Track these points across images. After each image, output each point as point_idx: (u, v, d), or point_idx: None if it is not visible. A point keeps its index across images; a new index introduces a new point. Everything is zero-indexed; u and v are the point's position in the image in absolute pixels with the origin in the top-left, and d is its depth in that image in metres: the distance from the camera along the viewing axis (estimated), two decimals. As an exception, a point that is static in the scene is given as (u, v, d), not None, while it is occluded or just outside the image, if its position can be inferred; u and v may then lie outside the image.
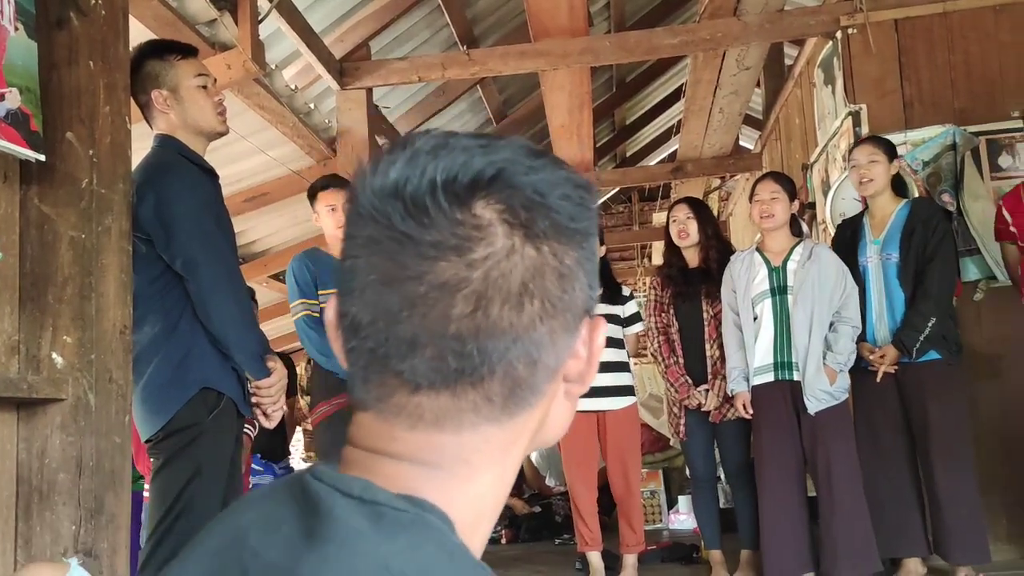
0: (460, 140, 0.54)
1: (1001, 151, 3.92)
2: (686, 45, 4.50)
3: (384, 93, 5.21)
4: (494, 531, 5.48)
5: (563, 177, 0.54)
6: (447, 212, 0.50)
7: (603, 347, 0.58)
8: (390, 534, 0.49)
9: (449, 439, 0.53)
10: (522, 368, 0.52)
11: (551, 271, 0.52)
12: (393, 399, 0.53)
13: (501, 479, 0.55)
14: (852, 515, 3.23)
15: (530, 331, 0.52)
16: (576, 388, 0.58)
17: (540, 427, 0.57)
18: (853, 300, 3.32)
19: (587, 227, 0.55)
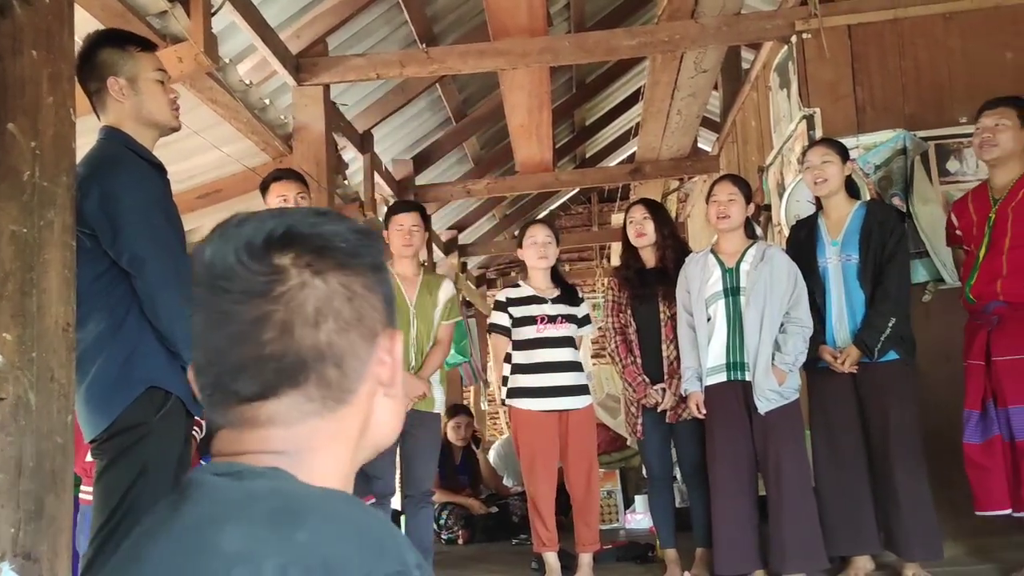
0: (260, 214, 0.72)
1: (949, 156, 4.01)
2: (644, 46, 4.53)
3: (342, 90, 5.15)
4: (451, 531, 5.47)
5: (342, 227, 0.72)
6: (249, 266, 0.68)
7: (401, 354, 0.76)
8: (250, 479, 0.64)
9: (284, 432, 0.69)
10: (331, 372, 0.70)
11: (339, 297, 0.70)
12: (235, 412, 0.69)
13: (337, 459, 0.72)
14: (800, 513, 3.28)
15: (331, 344, 0.69)
16: (393, 390, 0.75)
17: (367, 423, 0.73)
18: (803, 302, 3.36)
19: (372, 261, 0.73)
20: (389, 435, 0.77)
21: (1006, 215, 3.13)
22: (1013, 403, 3.04)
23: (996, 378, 3.09)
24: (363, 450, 0.75)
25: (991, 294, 3.12)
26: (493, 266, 11.07)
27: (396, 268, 3.82)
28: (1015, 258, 3.09)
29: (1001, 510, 3.09)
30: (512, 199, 9.17)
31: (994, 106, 3.20)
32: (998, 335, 3.10)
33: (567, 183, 8.08)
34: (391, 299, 0.76)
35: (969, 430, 3.14)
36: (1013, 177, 3.17)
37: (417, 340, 3.75)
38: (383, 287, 0.74)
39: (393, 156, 6.64)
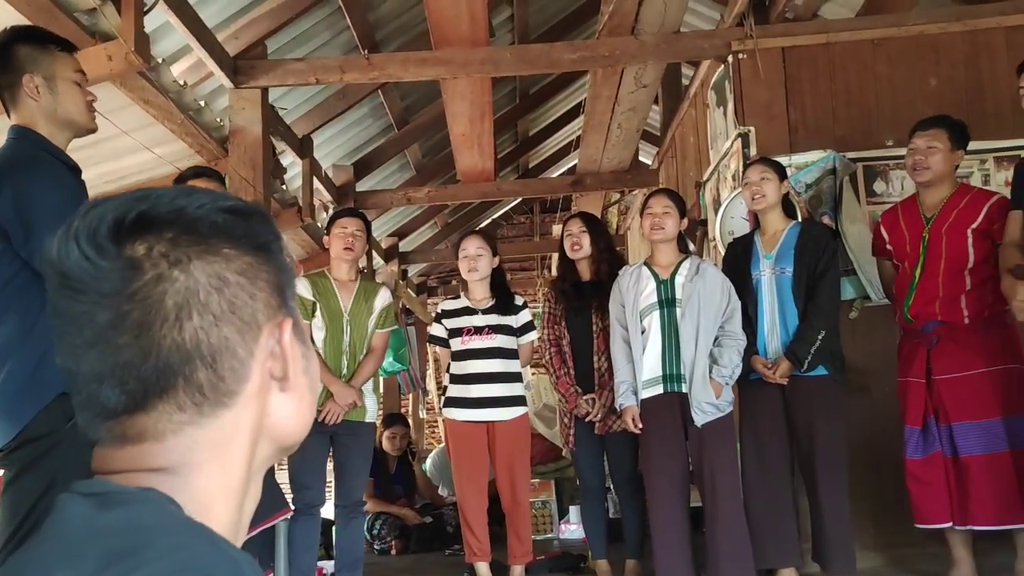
0: (113, 198, 0.62)
1: (876, 177, 4.13)
2: (585, 60, 4.57)
3: (282, 94, 5.09)
4: (384, 542, 5.42)
5: (209, 206, 0.63)
6: (96, 262, 0.59)
7: (294, 345, 0.66)
8: (107, 508, 0.56)
9: (156, 447, 0.61)
10: (203, 375, 0.61)
11: (206, 288, 0.61)
12: (105, 428, 0.62)
13: (227, 470, 0.64)
14: (734, 525, 3.33)
15: (197, 343, 0.61)
16: (289, 384, 0.66)
17: (262, 425, 0.66)
18: (737, 316, 3.42)
19: (251, 241, 0.64)
20: (295, 433, 0.69)
21: (940, 236, 3.21)
22: (956, 420, 3.12)
23: (938, 396, 3.16)
24: (263, 455, 0.67)
25: (929, 314, 3.20)
26: (434, 274, 11.03)
27: (333, 273, 3.79)
28: (950, 280, 3.18)
29: (942, 523, 3.16)
30: (454, 207, 9.16)
31: (926, 128, 3.27)
32: (938, 354, 3.17)
33: (509, 193, 8.10)
34: (282, 284, 0.67)
35: (911, 446, 3.20)
36: (944, 196, 3.26)
37: (350, 347, 3.71)
38: (269, 270, 0.65)
39: (333, 162, 6.58)
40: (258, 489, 0.69)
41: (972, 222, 3.18)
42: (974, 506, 3.06)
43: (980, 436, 3.09)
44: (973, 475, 3.08)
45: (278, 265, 0.67)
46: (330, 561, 4.24)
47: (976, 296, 3.17)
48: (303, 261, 6.22)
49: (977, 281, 3.17)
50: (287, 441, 0.69)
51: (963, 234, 3.18)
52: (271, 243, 0.66)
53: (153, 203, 0.62)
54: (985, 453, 3.07)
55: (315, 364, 0.71)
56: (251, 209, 0.66)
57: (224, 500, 0.63)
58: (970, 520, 3.08)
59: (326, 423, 3.61)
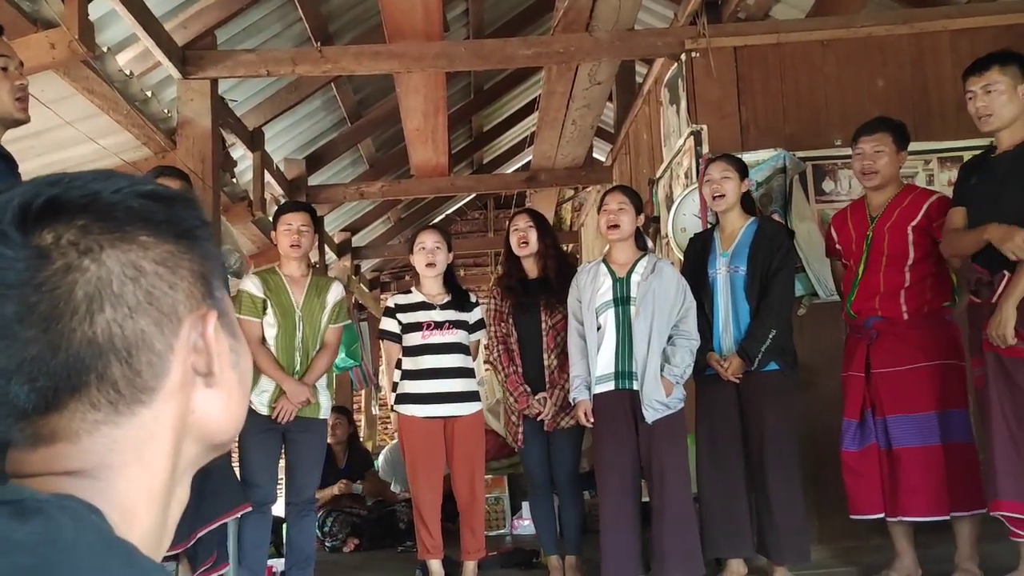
0: (24, 183, 0.59)
1: (825, 176, 4.20)
2: (540, 56, 4.57)
3: (232, 85, 5.00)
4: (335, 539, 5.37)
5: (127, 190, 0.59)
6: (1, 251, 0.56)
7: (220, 339, 0.63)
8: (23, 519, 0.52)
9: (71, 448, 0.58)
10: (117, 371, 0.57)
11: (120, 278, 0.58)
12: (16, 429, 0.58)
13: (149, 472, 0.60)
14: (682, 521, 3.36)
15: (111, 336, 0.57)
16: (216, 379, 0.63)
17: (187, 423, 0.62)
18: (691, 315, 3.45)
19: (173, 228, 0.61)
20: (223, 431, 0.65)
21: (882, 234, 3.28)
22: (891, 412, 3.19)
23: (875, 389, 3.24)
24: (189, 454, 0.64)
25: (870, 310, 3.27)
26: (387, 269, 10.96)
27: (284, 269, 3.73)
28: (890, 276, 3.25)
29: (874, 514, 3.24)
30: (408, 202, 9.11)
31: (870, 132, 3.33)
32: (877, 349, 3.24)
33: (462, 188, 8.09)
34: (208, 273, 0.63)
35: (848, 439, 3.27)
36: (889, 197, 3.33)
37: (303, 343, 3.67)
38: (193, 259, 0.62)
39: (285, 155, 6.49)
40: (185, 492, 0.65)
41: (912, 219, 3.26)
42: (906, 497, 3.14)
43: (913, 429, 3.16)
44: (905, 467, 3.15)
45: (204, 253, 0.63)
46: (281, 559, 4.18)
47: (915, 292, 3.24)
48: (254, 256, 6.13)
49: (916, 277, 3.24)
50: (215, 439, 0.65)
51: (904, 231, 3.26)
52: (196, 230, 0.63)
53: (65, 188, 0.58)
54: (918, 446, 3.15)
55: (246, 359, 0.68)
56: (173, 194, 0.63)
57: (147, 504, 0.60)
58: (901, 511, 3.16)
59: (279, 421, 3.56)
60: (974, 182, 3.02)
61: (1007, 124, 2.92)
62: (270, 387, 3.61)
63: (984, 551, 3.13)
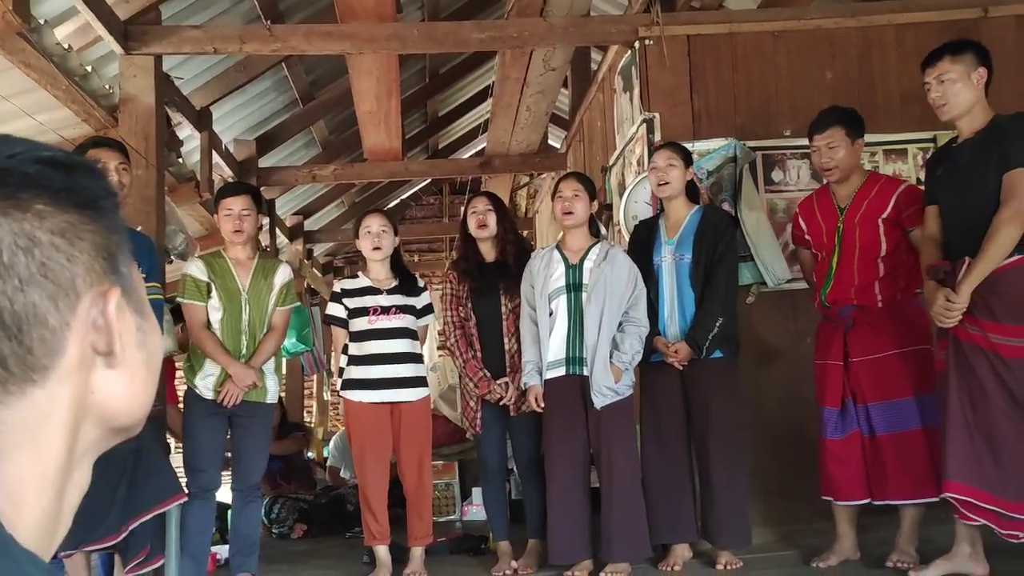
0: None
1: (774, 166, 4.25)
2: (494, 41, 4.54)
3: (178, 63, 4.88)
4: (282, 525, 5.32)
5: (23, 156, 0.56)
6: None
7: (124, 316, 0.60)
8: None
9: None
10: (5, 347, 0.54)
11: (10, 248, 0.54)
12: None
13: (41, 456, 0.56)
14: (629, 506, 3.39)
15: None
16: (117, 360, 0.59)
17: (85, 405, 0.59)
18: (642, 302, 3.47)
19: (74, 197, 0.57)
20: (126, 413, 0.62)
21: (853, 227, 3.32)
22: (873, 400, 3.24)
23: (855, 378, 3.28)
24: (88, 438, 0.60)
25: (846, 299, 3.32)
26: (341, 254, 10.84)
27: (229, 252, 3.66)
28: (865, 268, 3.30)
29: (859, 500, 3.28)
30: (362, 187, 9.01)
31: (822, 128, 3.36)
32: (854, 337, 3.29)
33: (416, 173, 8.02)
34: (112, 247, 0.60)
35: (831, 427, 3.30)
36: (855, 187, 3.37)
37: (249, 326, 3.61)
38: (96, 231, 0.59)
39: (235, 136, 6.37)
40: (84, 477, 0.61)
41: (882, 212, 3.30)
42: (891, 482, 3.20)
43: (894, 415, 3.22)
44: (888, 453, 3.21)
45: (108, 226, 0.60)
46: (225, 546, 4.13)
47: (889, 281, 3.30)
48: (202, 239, 6.01)
49: (889, 268, 3.31)
50: (117, 422, 0.62)
51: (875, 224, 3.30)
52: (100, 200, 0.59)
53: None
54: (898, 431, 3.21)
55: (154, 338, 0.65)
56: (75, 161, 0.59)
57: (37, 490, 0.56)
58: (889, 495, 3.21)
59: (225, 405, 3.51)
60: (940, 174, 3.07)
61: (964, 112, 2.96)
62: (215, 371, 3.55)
63: (928, 534, 3.20)
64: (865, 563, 3.29)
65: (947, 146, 3.14)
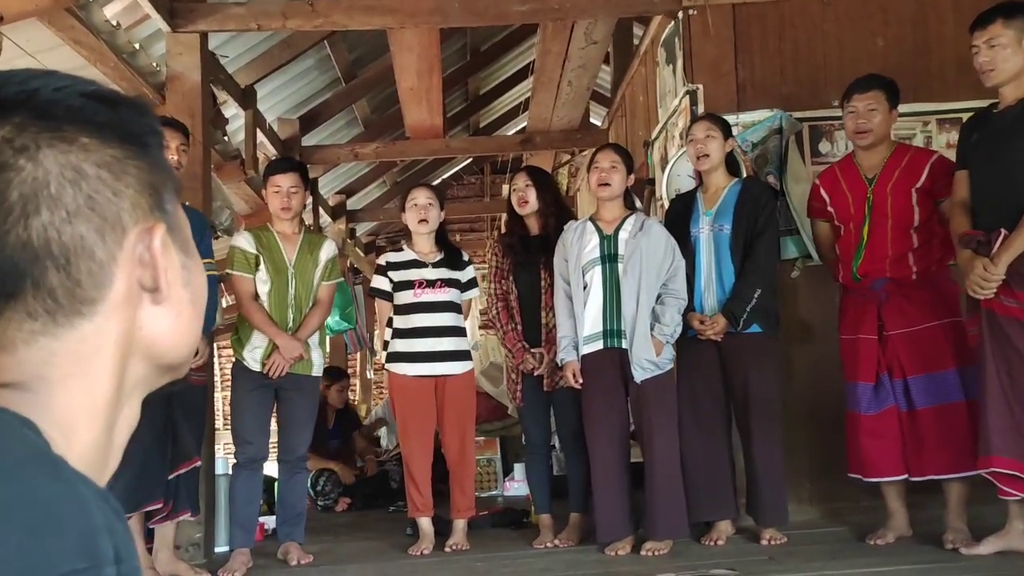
0: None
1: (821, 137, 4.15)
2: (535, 13, 4.50)
3: (223, 41, 4.93)
4: (327, 498, 5.39)
5: (69, 89, 0.56)
6: None
7: (169, 253, 0.60)
8: None
9: (7, 359, 0.55)
10: (54, 278, 0.55)
11: (58, 179, 0.54)
12: None
13: (90, 388, 0.57)
14: (671, 481, 3.37)
15: (47, 241, 0.54)
16: (162, 295, 0.59)
17: (132, 339, 0.59)
18: (680, 274, 3.43)
19: (119, 131, 0.58)
20: (173, 350, 0.62)
21: (885, 196, 3.24)
22: (912, 373, 3.17)
23: (892, 351, 3.21)
24: (136, 373, 0.61)
25: (879, 272, 3.24)
26: (383, 233, 10.91)
27: (276, 227, 3.71)
28: (898, 239, 3.22)
29: (896, 476, 3.22)
30: (404, 166, 9.05)
31: (864, 89, 3.28)
32: (889, 310, 3.22)
33: (457, 150, 8.01)
34: (157, 184, 0.60)
35: (865, 402, 3.23)
36: (883, 157, 3.28)
37: (295, 300, 3.65)
38: (140, 167, 0.59)
39: (278, 115, 6.42)
40: (133, 412, 0.62)
41: (915, 182, 3.22)
42: (929, 456, 3.13)
43: (935, 388, 3.15)
44: (929, 426, 3.14)
45: (153, 163, 0.60)
46: (272, 517, 4.20)
47: (923, 253, 3.23)
48: (247, 216, 6.09)
49: (923, 239, 3.23)
50: (164, 359, 0.62)
51: (907, 194, 3.22)
52: (145, 136, 0.59)
53: (1, 84, 0.55)
54: (940, 404, 3.14)
55: (199, 277, 0.65)
56: (120, 97, 0.59)
57: (88, 420, 0.57)
58: (926, 470, 3.15)
59: (271, 376, 3.55)
60: (975, 139, 2.98)
61: (1011, 78, 2.87)
62: (262, 343, 3.60)
63: (973, 513, 3.13)
64: (918, 540, 3.23)
65: (986, 111, 3.04)
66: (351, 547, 4.05)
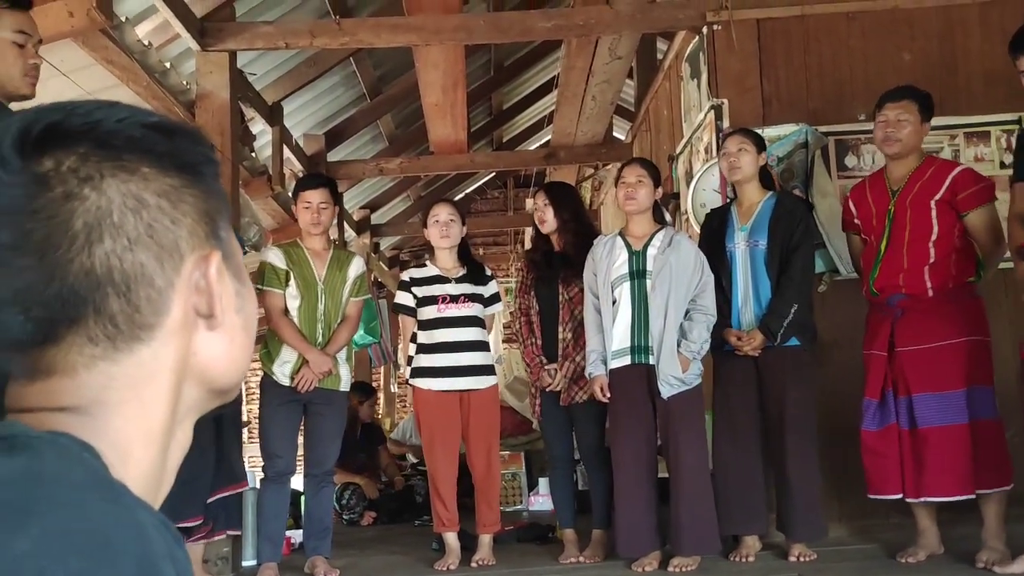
0: (27, 109, 0.57)
1: (848, 151, 4.14)
2: (560, 29, 4.53)
3: (251, 59, 5.00)
4: (352, 512, 5.41)
5: (131, 119, 0.58)
6: (1, 176, 0.54)
7: (224, 280, 0.61)
8: (9, 455, 0.50)
9: (68, 383, 0.56)
10: (115, 304, 0.56)
11: (120, 208, 0.56)
12: (16, 360, 0.57)
13: (146, 413, 0.58)
14: (698, 497, 3.35)
15: (109, 268, 0.56)
16: (218, 322, 0.61)
17: (187, 365, 0.60)
18: (709, 290, 3.42)
19: (177, 161, 0.59)
20: (226, 375, 0.63)
21: (905, 208, 3.21)
22: (917, 391, 3.12)
23: (899, 368, 3.17)
24: (190, 398, 0.62)
25: (894, 287, 3.20)
26: (407, 247, 10.96)
27: (306, 243, 3.75)
28: (915, 252, 3.18)
29: (893, 494, 3.19)
30: (427, 181, 9.10)
31: (896, 99, 3.25)
32: (902, 327, 3.17)
33: (482, 165, 8.05)
34: (213, 212, 0.61)
35: (868, 418, 3.21)
36: (910, 169, 3.25)
37: (325, 315, 3.69)
38: (197, 195, 0.60)
39: (304, 131, 6.49)
40: (187, 436, 0.63)
41: (935, 193, 3.18)
42: (930, 478, 3.09)
43: (940, 407, 3.11)
44: (931, 446, 3.09)
45: (209, 190, 0.61)
46: (298, 531, 4.22)
47: (941, 268, 3.17)
48: (274, 231, 6.15)
49: (941, 253, 3.17)
50: (217, 383, 0.63)
51: (927, 205, 3.18)
52: (200, 165, 0.61)
53: (66, 114, 0.56)
54: (944, 424, 3.10)
55: (252, 304, 0.66)
56: (178, 127, 0.61)
57: (144, 444, 0.58)
58: (925, 492, 3.11)
59: (300, 390, 3.58)
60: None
61: None
62: (292, 358, 3.63)
63: (1010, 532, 3.09)
64: (951, 558, 3.19)
65: None
66: (377, 561, 4.06)
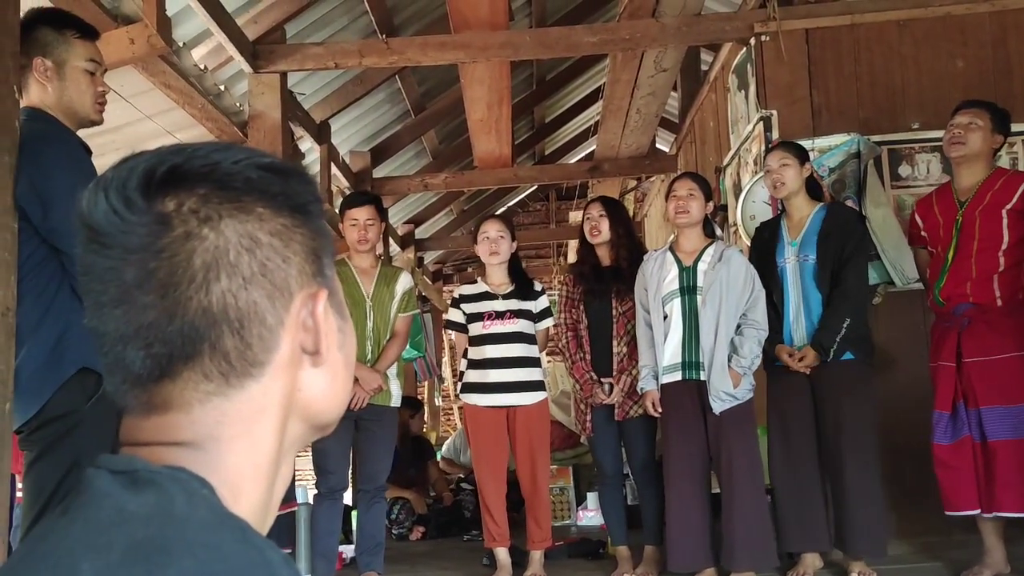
0: (149, 151, 0.60)
1: (901, 161, 4.08)
2: (605, 44, 4.53)
3: (299, 79, 5.08)
4: (402, 527, 5.43)
5: (246, 161, 0.60)
6: (124, 216, 0.56)
7: (329, 318, 0.62)
8: (136, 490, 0.53)
9: (183, 418, 0.58)
10: (229, 342, 0.58)
11: (236, 248, 0.58)
12: (131, 396, 0.59)
13: (257, 447, 0.60)
14: (752, 512, 3.31)
15: (224, 306, 0.57)
16: (321, 359, 0.62)
17: (293, 400, 0.62)
18: (760, 304, 3.38)
19: (288, 201, 0.60)
20: (328, 411, 0.65)
21: (973, 218, 3.16)
22: (985, 404, 3.06)
23: (967, 380, 3.11)
24: (294, 433, 0.63)
25: (961, 296, 3.15)
26: (450, 261, 11.03)
27: (353, 260, 3.78)
28: (983, 261, 3.13)
29: (971, 510, 3.11)
30: (470, 194, 9.15)
31: (970, 106, 3.22)
32: (968, 337, 3.12)
33: (525, 179, 8.07)
34: (320, 250, 0.63)
35: (939, 431, 3.15)
36: (978, 179, 3.20)
37: (374, 332, 3.71)
38: (306, 234, 0.62)
39: (351, 148, 6.57)
40: (290, 469, 0.64)
41: (1007, 202, 3.13)
42: (1001, 492, 3.02)
43: (1009, 421, 3.04)
44: (1001, 461, 3.03)
45: (316, 229, 0.63)
46: (351, 546, 4.25)
47: (1010, 277, 3.12)
48: (321, 248, 6.21)
49: (1011, 262, 3.12)
50: (319, 419, 0.65)
51: (998, 215, 3.13)
52: (310, 205, 0.62)
53: (187, 157, 0.58)
54: (1014, 438, 3.03)
55: (351, 340, 0.67)
56: (290, 168, 0.62)
57: (254, 479, 0.60)
58: (996, 507, 3.04)
59: (352, 408, 3.61)
60: None
61: None
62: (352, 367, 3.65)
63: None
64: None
65: None
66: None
